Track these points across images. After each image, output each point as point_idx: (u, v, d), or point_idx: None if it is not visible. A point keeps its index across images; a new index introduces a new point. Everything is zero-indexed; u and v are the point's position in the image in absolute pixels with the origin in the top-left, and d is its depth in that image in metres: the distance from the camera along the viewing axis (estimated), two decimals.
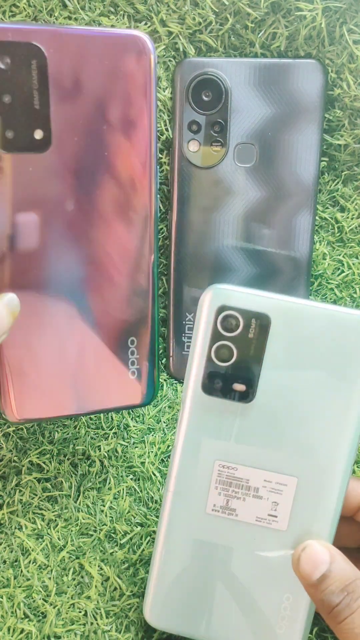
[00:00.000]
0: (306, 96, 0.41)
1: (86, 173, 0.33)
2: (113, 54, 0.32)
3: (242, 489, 0.34)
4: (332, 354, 0.32)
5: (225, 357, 0.33)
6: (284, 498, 0.33)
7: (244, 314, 0.32)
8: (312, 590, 0.31)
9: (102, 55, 0.32)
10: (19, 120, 0.31)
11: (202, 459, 0.34)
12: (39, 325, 0.35)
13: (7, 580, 0.38)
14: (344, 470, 0.33)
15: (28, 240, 0.33)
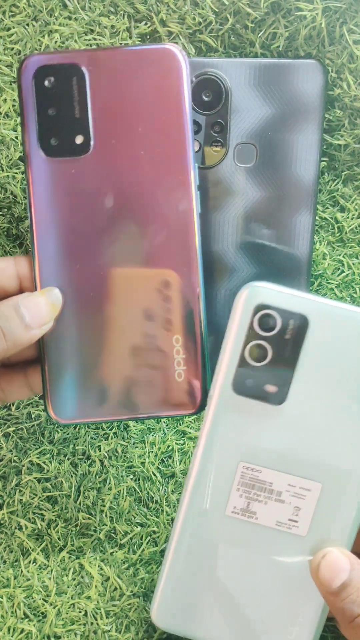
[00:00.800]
0: (306, 96, 0.41)
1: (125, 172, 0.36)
2: (145, 66, 0.35)
3: (264, 492, 0.33)
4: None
5: (259, 357, 0.32)
6: (307, 503, 0.33)
7: (282, 314, 0.31)
8: (332, 599, 0.30)
9: (135, 67, 0.35)
10: (61, 129, 0.35)
11: (225, 459, 0.33)
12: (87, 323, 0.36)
13: (7, 580, 0.38)
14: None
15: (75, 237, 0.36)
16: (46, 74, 0.35)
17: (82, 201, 0.36)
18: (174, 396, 0.36)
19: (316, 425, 0.32)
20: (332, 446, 0.32)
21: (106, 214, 0.36)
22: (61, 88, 0.35)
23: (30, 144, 0.36)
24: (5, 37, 0.41)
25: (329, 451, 0.32)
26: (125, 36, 0.41)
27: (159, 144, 0.36)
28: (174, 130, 0.36)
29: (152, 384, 0.36)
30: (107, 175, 0.36)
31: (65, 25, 0.41)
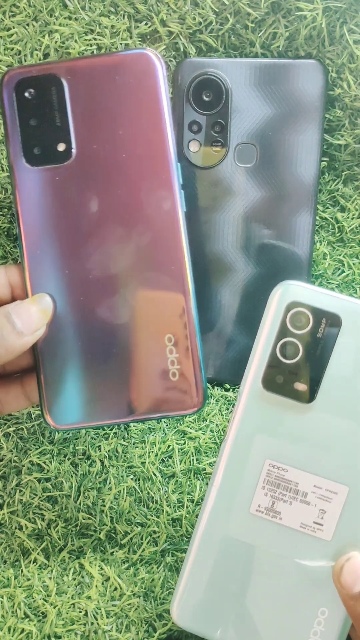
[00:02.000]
0: (306, 96, 0.41)
1: (107, 176, 0.36)
2: (122, 71, 0.36)
3: (290, 492, 0.32)
4: None
5: (291, 354, 0.32)
6: (333, 506, 0.32)
7: (315, 312, 0.31)
8: (352, 603, 0.30)
9: (112, 73, 0.36)
10: (44, 138, 0.36)
11: (252, 456, 0.32)
12: (78, 327, 0.36)
13: (7, 580, 0.38)
14: None
15: (63, 243, 0.37)
16: (27, 86, 0.36)
17: (67, 207, 0.36)
18: (170, 396, 0.36)
19: (345, 426, 0.32)
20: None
21: (92, 218, 0.36)
22: (41, 99, 0.36)
23: (15, 154, 0.36)
24: (6, 37, 0.41)
25: (357, 453, 0.32)
26: (125, 36, 0.41)
27: (139, 146, 0.36)
28: (153, 133, 0.36)
29: (146, 385, 0.36)
30: (91, 180, 0.36)
31: (66, 25, 0.41)
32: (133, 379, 0.36)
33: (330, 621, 0.32)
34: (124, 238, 0.37)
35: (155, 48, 0.41)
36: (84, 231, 0.36)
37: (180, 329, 0.36)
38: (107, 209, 0.36)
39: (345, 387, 0.31)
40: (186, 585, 0.33)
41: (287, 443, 0.32)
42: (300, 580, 0.33)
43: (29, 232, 0.36)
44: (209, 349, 0.45)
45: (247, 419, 0.32)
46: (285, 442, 0.32)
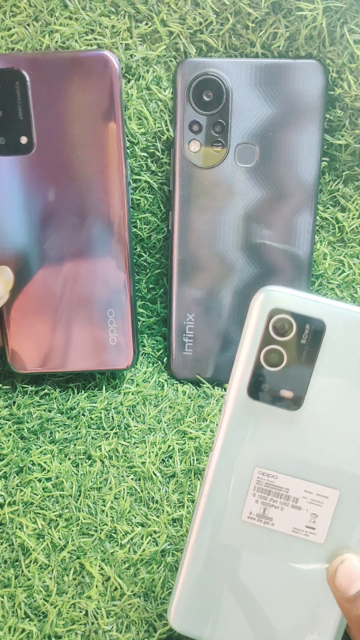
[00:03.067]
0: (307, 96, 0.41)
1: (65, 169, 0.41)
2: (81, 71, 0.39)
3: (281, 498, 0.32)
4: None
5: (275, 361, 0.31)
6: (324, 510, 0.32)
7: (298, 318, 0.31)
8: (347, 606, 0.30)
9: (72, 72, 0.39)
10: (7, 130, 0.40)
11: (241, 464, 0.32)
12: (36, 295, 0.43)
13: (7, 580, 0.38)
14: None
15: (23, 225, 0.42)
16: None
17: (27, 194, 0.41)
18: (109, 355, 0.44)
19: (334, 431, 0.31)
20: (350, 452, 0.31)
21: (49, 205, 0.41)
22: (5, 91, 0.39)
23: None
24: (6, 37, 0.41)
25: (346, 457, 0.31)
26: (125, 36, 0.41)
27: (93, 144, 0.40)
28: (106, 131, 0.40)
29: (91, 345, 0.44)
30: (48, 171, 0.41)
31: (66, 25, 0.41)
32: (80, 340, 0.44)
33: (326, 624, 0.32)
34: (75, 225, 0.42)
35: (156, 48, 0.41)
36: (41, 216, 0.41)
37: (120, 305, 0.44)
38: (62, 198, 0.41)
39: (332, 392, 0.31)
40: (182, 591, 0.33)
41: (276, 450, 0.32)
42: (295, 583, 0.33)
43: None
44: (209, 348, 0.45)
45: (233, 428, 0.32)
46: (273, 450, 0.32)
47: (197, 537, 0.33)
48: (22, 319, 0.43)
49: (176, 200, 0.42)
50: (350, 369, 0.31)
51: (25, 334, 0.44)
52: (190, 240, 0.43)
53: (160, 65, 0.42)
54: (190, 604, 0.33)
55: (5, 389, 0.45)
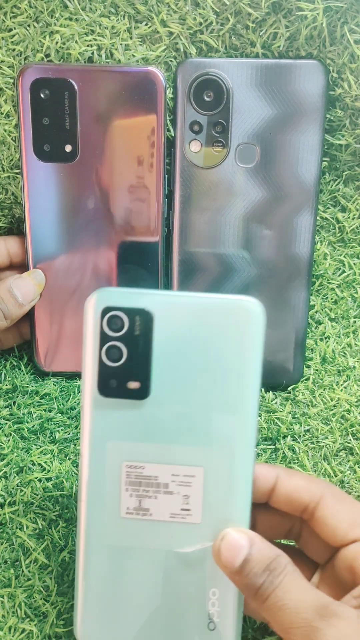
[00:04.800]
0: (307, 96, 0.41)
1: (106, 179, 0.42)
2: (129, 85, 0.40)
3: (152, 487, 0.33)
4: (219, 340, 0.32)
5: (116, 357, 0.33)
6: (194, 490, 0.33)
7: (127, 312, 0.32)
8: (237, 578, 0.31)
9: (120, 86, 0.40)
10: (53, 137, 0.41)
11: (109, 463, 0.33)
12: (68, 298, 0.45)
13: (8, 580, 0.38)
14: (247, 453, 0.33)
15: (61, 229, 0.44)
16: (42, 86, 0.40)
17: (67, 200, 0.42)
18: None
19: (183, 411, 0.33)
20: (203, 428, 0.33)
21: (87, 213, 0.43)
22: (55, 100, 0.40)
23: (26, 147, 0.41)
24: (7, 38, 0.41)
25: (201, 434, 0.33)
26: (125, 37, 0.41)
27: (135, 157, 0.42)
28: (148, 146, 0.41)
29: None
30: (90, 180, 0.42)
31: (66, 26, 0.41)
32: None
33: (223, 600, 0.33)
34: (112, 233, 0.43)
35: (156, 48, 0.41)
36: (80, 223, 0.43)
37: None
38: (101, 207, 0.42)
39: (173, 374, 0.33)
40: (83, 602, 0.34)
41: (137, 441, 0.33)
42: (185, 568, 0.33)
43: (34, 216, 0.43)
44: None
45: (94, 429, 0.33)
46: (135, 441, 0.33)
47: (85, 546, 0.34)
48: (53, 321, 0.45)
49: (176, 200, 0.43)
50: (185, 349, 0.33)
51: (55, 334, 0.45)
52: (190, 240, 0.43)
53: (161, 65, 0.42)
54: (94, 615, 0.34)
55: (5, 389, 0.45)
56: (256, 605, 0.30)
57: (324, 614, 0.28)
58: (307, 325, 0.45)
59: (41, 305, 0.44)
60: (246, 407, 0.33)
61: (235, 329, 0.32)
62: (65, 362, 0.46)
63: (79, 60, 0.41)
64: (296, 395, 0.45)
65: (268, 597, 0.29)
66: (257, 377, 0.33)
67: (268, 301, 0.44)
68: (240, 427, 0.33)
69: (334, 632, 0.28)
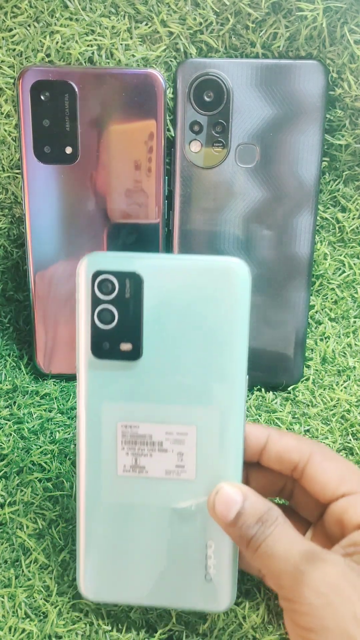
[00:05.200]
0: (307, 96, 0.41)
1: (106, 180, 0.42)
2: (129, 87, 0.40)
3: (147, 445, 0.35)
4: (207, 299, 0.33)
5: (108, 319, 0.34)
6: (187, 447, 0.34)
7: (117, 275, 0.33)
8: (231, 530, 0.32)
9: (120, 88, 0.40)
10: (54, 139, 0.41)
11: (105, 423, 0.34)
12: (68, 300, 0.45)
13: (8, 580, 0.38)
14: (238, 411, 0.34)
15: (61, 230, 0.43)
16: (42, 89, 0.40)
17: (68, 202, 0.42)
18: None
19: (175, 371, 0.34)
20: (194, 387, 0.34)
21: (87, 215, 0.43)
22: (55, 102, 0.40)
23: (26, 149, 0.41)
24: (7, 37, 0.41)
25: (192, 392, 0.34)
26: (126, 37, 0.41)
27: (134, 158, 0.41)
28: (148, 148, 0.41)
29: None
30: (90, 182, 0.42)
31: (67, 26, 0.41)
32: None
33: (219, 552, 0.34)
34: (112, 234, 0.43)
35: (156, 49, 0.41)
36: (80, 223, 0.43)
37: None
38: (101, 208, 0.43)
39: (164, 335, 0.34)
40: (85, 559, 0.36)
41: (131, 402, 0.34)
42: (181, 523, 0.35)
43: (34, 218, 0.42)
44: None
45: (89, 390, 0.34)
46: (129, 402, 0.34)
47: (85, 504, 0.35)
48: (52, 323, 0.45)
49: (176, 201, 0.43)
50: (174, 310, 0.34)
51: (55, 336, 0.45)
52: (190, 240, 0.43)
53: (161, 65, 0.42)
54: (96, 571, 0.36)
55: (5, 389, 0.45)
56: (248, 555, 0.31)
57: (311, 559, 0.29)
58: (307, 325, 0.45)
59: (41, 307, 0.44)
60: (235, 365, 0.34)
61: (222, 288, 0.33)
62: (65, 364, 0.46)
63: (79, 60, 0.41)
64: (296, 395, 0.45)
65: (259, 546, 0.31)
66: (245, 335, 0.34)
67: (268, 301, 0.44)
68: (230, 385, 0.34)
69: (320, 574, 0.29)
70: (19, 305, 0.48)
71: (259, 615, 0.37)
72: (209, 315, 0.33)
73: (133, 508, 0.35)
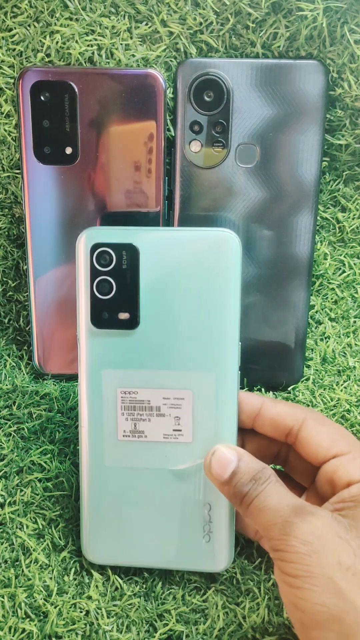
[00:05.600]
0: (307, 96, 0.41)
1: (106, 181, 0.42)
2: (129, 87, 0.40)
3: (145, 410, 0.36)
4: (200, 270, 0.35)
5: (107, 290, 0.36)
6: (184, 412, 0.36)
7: (114, 247, 0.35)
8: (226, 488, 0.34)
9: (120, 88, 0.40)
10: (54, 140, 0.41)
11: (105, 390, 0.36)
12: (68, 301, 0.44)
13: (8, 580, 0.38)
14: (231, 376, 0.36)
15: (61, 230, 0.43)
16: (42, 89, 0.40)
17: (68, 202, 0.42)
18: None
19: (172, 338, 0.36)
20: (190, 353, 0.36)
21: (87, 215, 0.42)
22: (55, 103, 0.40)
23: (26, 150, 0.41)
24: (7, 37, 0.41)
25: (188, 359, 0.36)
26: (126, 37, 0.41)
27: (134, 158, 0.41)
28: (148, 147, 0.41)
29: None
30: (90, 182, 0.42)
31: (67, 26, 0.41)
32: None
33: (216, 514, 0.36)
34: None
35: (156, 48, 0.41)
36: (80, 224, 0.42)
37: None
38: (101, 209, 0.42)
39: (160, 304, 0.35)
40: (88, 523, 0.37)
41: (129, 369, 0.36)
42: (179, 485, 0.37)
43: (34, 218, 0.42)
44: None
45: (90, 359, 0.36)
46: (127, 369, 0.36)
47: (87, 469, 0.37)
48: (51, 324, 0.45)
49: (177, 201, 0.43)
50: (170, 280, 0.35)
51: (54, 336, 0.45)
52: None
53: (161, 65, 0.42)
54: (99, 534, 0.37)
55: (5, 389, 0.45)
56: (242, 511, 0.33)
57: (300, 512, 0.31)
58: (307, 325, 0.45)
59: (41, 307, 0.44)
60: (228, 331, 0.35)
61: (215, 258, 0.35)
62: (64, 364, 0.46)
63: (79, 60, 0.41)
64: (296, 395, 0.45)
65: (252, 502, 0.32)
66: (237, 303, 0.35)
67: (268, 301, 0.44)
68: (223, 351, 0.36)
69: (307, 525, 0.30)
70: (19, 305, 0.48)
71: (259, 615, 0.37)
72: (203, 284, 0.35)
73: (133, 472, 0.37)
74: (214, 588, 0.38)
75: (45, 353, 0.45)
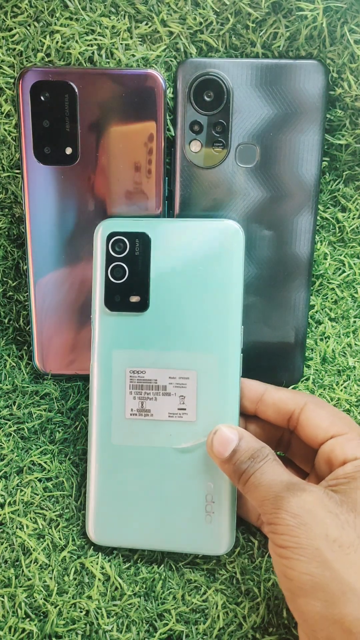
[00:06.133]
0: (307, 96, 0.41)
1: (106, 181, 0.42)
2: (129, 87, 0.40)
3: (152, 389, 0.38)
4: (206, 257, 0.38)
5: (120, 275, 0.39)
6: (189, 391, 0.38)
7: (128, 236, 0.39)
8: (226, 466, 0.35)
9: (120, 88, 0.40)
10: (53, 140, 0.41)
11: (115, 369, 0.39)
12: (68, 300, 0.44)
13: (8, 580, 0.38)
14: (234, 357, 0.38)
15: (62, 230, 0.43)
16: (42, 89, 0.40)
17: (68, 202, 0.42)
18: None
19: (179, 321, 0.38)
20: (195, 335, 0.38)
21: (87, 216, 0.42)
22: (55, 103, 0.40)
23: (26, 151, 0.41)
24: (7, 37, 0.41)
25: (193, 340, 0.38)
26: (126, 36, 0.41)
27: (134, 159, 0.41)
28: (148, 148, 0.41)
29: None
30: (90, 183, 0.42)
31: (67, 25, 0.41)
32: None
33: (218, 490, 0.38)
34: None
35: (156, 48, 0.41)
36: (80, 226, 0.42)
37: None
38: (100, 210, 0.42)
39: (169, 289, 0.38)
40: (95, 504, 0.39)
41: (139, 349, 0.38)
42: (182, 464, 0.38)
43: (34, 219, 0.42)
44: None
45: (102, 340, 0.39)
46: (137, 349, 0.38)
47: (96, 445, 0.39)
48: (52, 324, 0.45)
49: (177, 201, 0.43)
50: (179, 266, 0.38)
51: (54, 337, 0.45)
52: None
53: (161, 65, 0.42)
54: (104, 515, 0.39)
55: (5, 389, 0.45)
56: (240, 488, 0.34)
57: (292, 488, 0.32)
58: (307, 325, 0.45)
59: (41, 307, 0.44)
60: (232, 314, 0.38)
61: (219, 246, 0.38)
62: (63, 365, 0.45)
63: (79, 60, 0.41)
64: None
65: (249, 478, 0.34)
66: (240, 288, 0.38)
67: (268, 301, 0.44)
68: (227, 334, 0.38)
69: (297, 500, 0.31)
70: (19, 305, 0.48)
71: (259, 615, 0.37)
72: (209, 269, 0.38)
73: (139, 450, 0.38)
74: (214, 588, 0.38)
75: (45, 353, 0.45)
